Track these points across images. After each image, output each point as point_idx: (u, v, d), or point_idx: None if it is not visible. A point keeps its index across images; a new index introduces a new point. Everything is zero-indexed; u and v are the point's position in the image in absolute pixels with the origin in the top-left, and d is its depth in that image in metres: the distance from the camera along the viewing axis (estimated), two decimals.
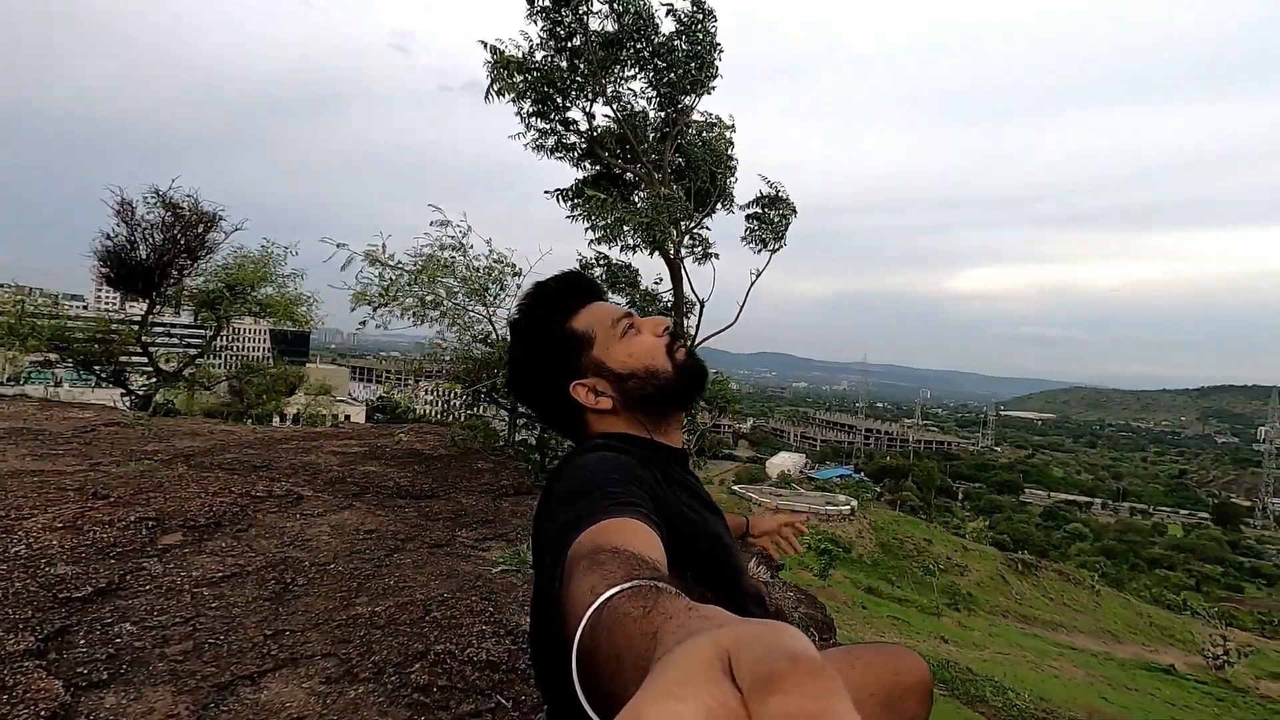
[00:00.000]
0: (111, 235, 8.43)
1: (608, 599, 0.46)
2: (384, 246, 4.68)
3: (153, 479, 3.49)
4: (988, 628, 20.10)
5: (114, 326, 9.45)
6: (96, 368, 8.99)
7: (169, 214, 8.64)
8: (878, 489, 58.13)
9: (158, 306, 9.29)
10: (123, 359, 9.29)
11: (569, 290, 1.05)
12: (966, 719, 8.18)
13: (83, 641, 1.91)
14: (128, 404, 8.74)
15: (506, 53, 5.52)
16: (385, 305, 4.57)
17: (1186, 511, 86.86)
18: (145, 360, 9.54)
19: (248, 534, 2.97)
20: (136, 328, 9.27)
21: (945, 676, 10.06)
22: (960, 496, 69.64)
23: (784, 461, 65.44)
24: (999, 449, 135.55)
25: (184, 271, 9.12)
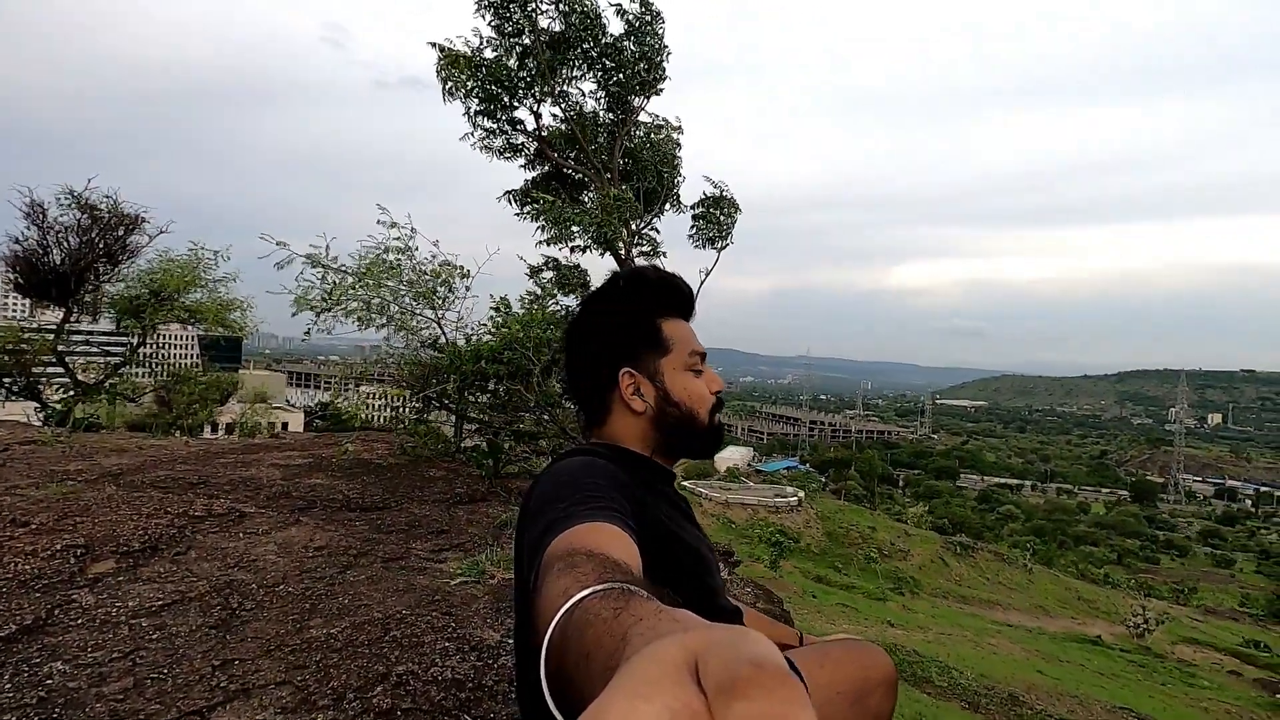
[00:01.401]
0: (20, 239, 7.88)
1: (579, 600, 0.46)
2: (327, 248, 4.51)
3: (78, 502, 3.27)
4: (930, 609, 20.88)
5: (26, 336, 8.83)
6: (7, 380, 8.39)
7: (85, 216, 8.13)
8: (823, 479, 59.58)
9: (75, 314, 8.73)
10: (36, 371, 8.69)
11: (675, 293, 1.06)
12: (915, 700, 8.48)
13: (9, 685, 1.77)
14: (42, 419, 8.19)
15: (455, 49, 5.40)
16: (329, 309, 4.40)
17: (1108, 490, 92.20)
18: (62, 371, 8.96)
19: (187, 557, 2.82)
20: (51, 337, 8.68)
21: (893, 660, 10.41)
22: (901, 484, 72.03)
23: (732, 456, 66.31)
24: (936, 437, 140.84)
25: (103, 277, 8.61)
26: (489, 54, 5.40)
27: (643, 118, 6.20)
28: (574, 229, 5.27)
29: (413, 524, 3.85)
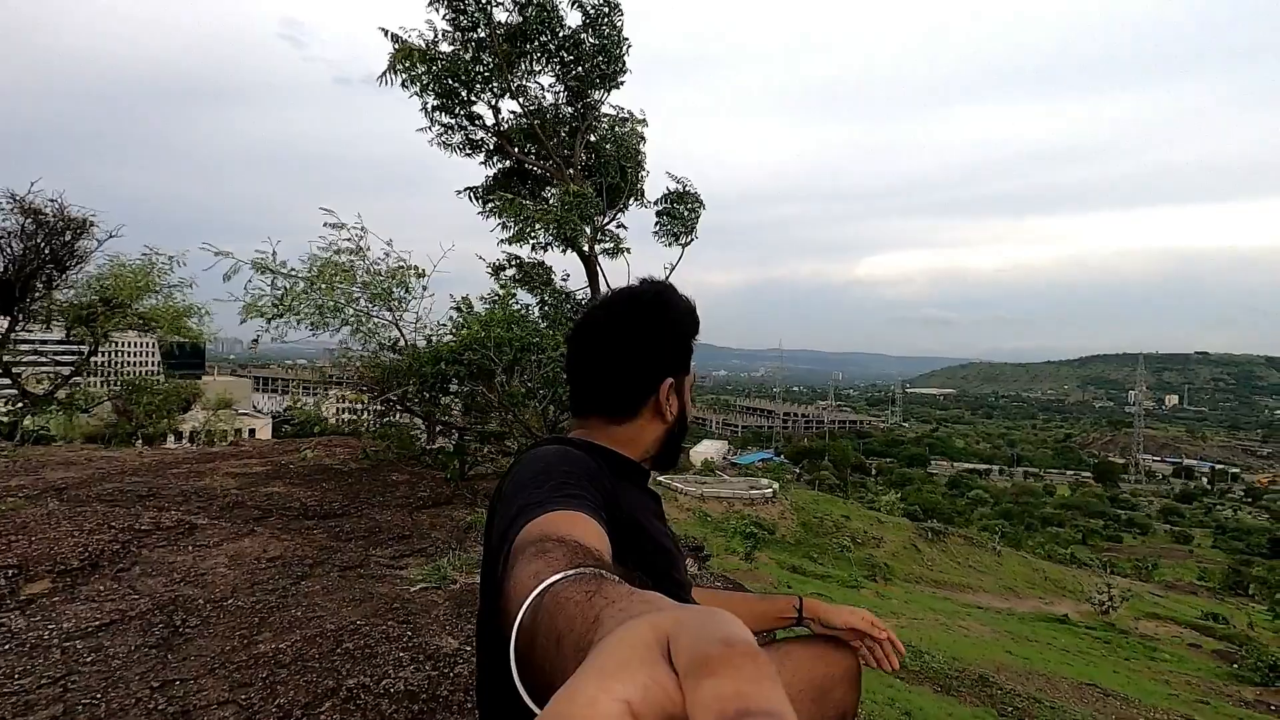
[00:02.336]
0: None
1: (551, 584, 0.46)
2: (274, 253, 4.37)
3: (15, 519, 3.12)
4: (903, 595, 21.21)
5: None
6: None
7: (29, 220, 7.82)
8: (797, 470, 60.18)
9: (21, 323, 8.40)
10: None
11: (698, 319, 1.12)
12: (888, 685, 8.60)
13: None
14: None
15: (410, 41, 5.27)
16: (280, 316, 4.27)
17: (1072, 472, 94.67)
18: (9, 383, 8.63)
19: (130, 574, 2.71)
20: None
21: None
22: (874, 472, 73.02)
23: (707, 449, 66.57)
24: (907, 425, 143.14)
25: (51, 284, 8.30)
26: (444, 48, 5.28)
27: (606, 110, 6.15)
28: (536, 227, 5.19)
29: (373, 530, 3.76)
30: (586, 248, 5.67)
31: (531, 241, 5.45)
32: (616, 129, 6.09)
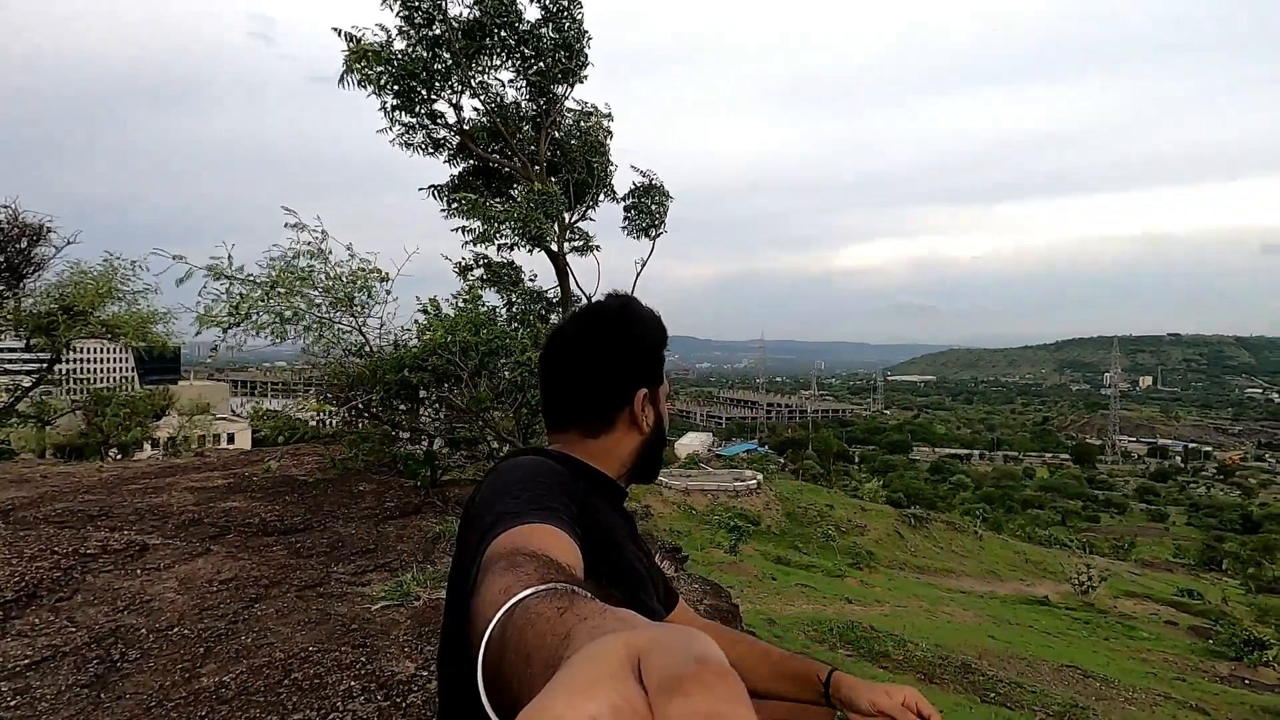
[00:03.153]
0: None
1: (522, 599, 0.45)
2: (230, 258, 4.22)
3: None
4: (887, 582, 21.39)
5: None
6: None
7: None
8: (781, 460, 60.51)
9: None
10: None
11: (665, 330, 1.12)
12: (872, 675, 8.63)
13: None
14: None
15: (364, 41, 5.11)
16: (237, 325, 4.12)
17: (1050, 455, 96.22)
18: None
19: (71, 603, 2.58)
20: None
21: (851, 637, 10.57)
22: (857, 460, 73.68)
23: (692, 442, 66.77)
24: (888, 412, 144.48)
25: (7, 293, 8.02)
26: (400, 46, 5.13)
27: (570, 105, 6.03)
28: (501, 227, 5.08)
29: (336, 545, 3.65)
30: (555, 246, 5.56)
31: (498, 243, 5.34)
32: (582, 124, 5.98)
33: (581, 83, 5.66)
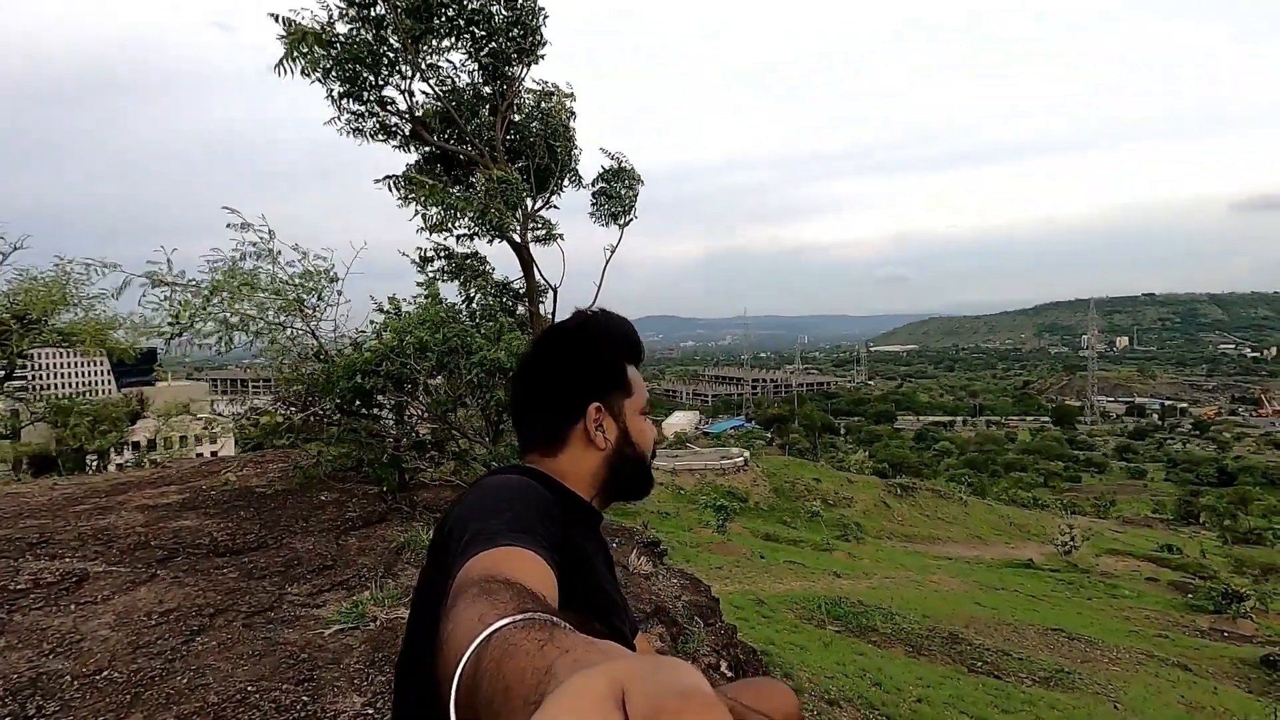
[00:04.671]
0: None
1: (499, 629, 0.44)
2: (169, 263, 3.98)
3: None
4: (875, 553, 21.59)
5: None
6: None
7: None
8: (768, 435, 60.88)
9: None
10: None
11: (635, 342, 1.08)
12: (859, 652, 8.65)
13: None
14: None
15: (303, 24, 4.83)
16: (178, 334, 3.89)
17: (1031, 418, 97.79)
18: None
19: None
20: None
21: (839, 613, 10.60)
22: (842, 431, 74.32)
23: (679, 421, 66.91)
24: (872, 383, 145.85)
25: None
26: (342, 28, 4.85)
27: (529, 86, 5.77)
28: (457, 215, 4.85)
29: (291, 563, 3.47)
30: (517, 236, 5.35)
31: (457, 233, 5.12)
32: (543, 104, 5.73)
33: (538, 62, 5.41)
